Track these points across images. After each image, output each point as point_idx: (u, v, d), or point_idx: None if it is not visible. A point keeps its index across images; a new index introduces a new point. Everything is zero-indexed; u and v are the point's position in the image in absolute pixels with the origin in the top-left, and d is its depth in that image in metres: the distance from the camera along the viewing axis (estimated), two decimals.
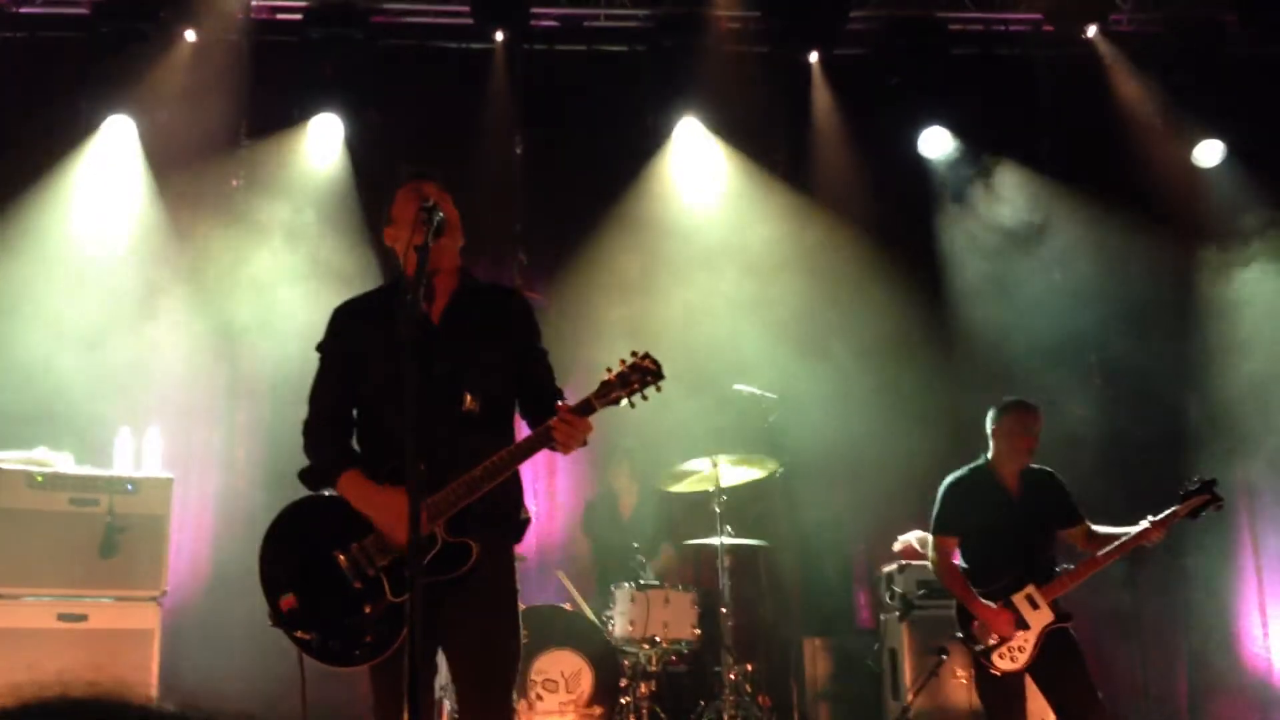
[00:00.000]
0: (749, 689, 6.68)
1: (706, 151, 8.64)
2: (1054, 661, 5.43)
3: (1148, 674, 8.01)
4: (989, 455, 5.79)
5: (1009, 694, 5.47)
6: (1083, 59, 8.74)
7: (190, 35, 8.02)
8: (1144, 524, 5.47)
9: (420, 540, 2.93)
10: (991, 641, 5.45)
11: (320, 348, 3.76)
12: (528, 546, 7.13)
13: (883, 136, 8.70)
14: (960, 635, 5.58)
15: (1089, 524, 5.69)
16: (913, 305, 8.45)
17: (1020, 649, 5.42)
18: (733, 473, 6.85)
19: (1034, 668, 5.45)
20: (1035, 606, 5.46)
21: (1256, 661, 8.16)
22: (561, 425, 3.41)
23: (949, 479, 5.85)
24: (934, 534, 5.79)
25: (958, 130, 8.68)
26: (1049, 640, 5.42)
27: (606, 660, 6.31)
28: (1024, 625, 5.44)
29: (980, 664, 5.50)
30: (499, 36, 8.40)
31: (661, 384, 3.48)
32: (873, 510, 8.30)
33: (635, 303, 8.23)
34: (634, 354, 3.50)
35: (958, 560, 5.77)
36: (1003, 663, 5.43)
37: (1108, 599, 7.66)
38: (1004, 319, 8.31)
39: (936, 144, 8.69)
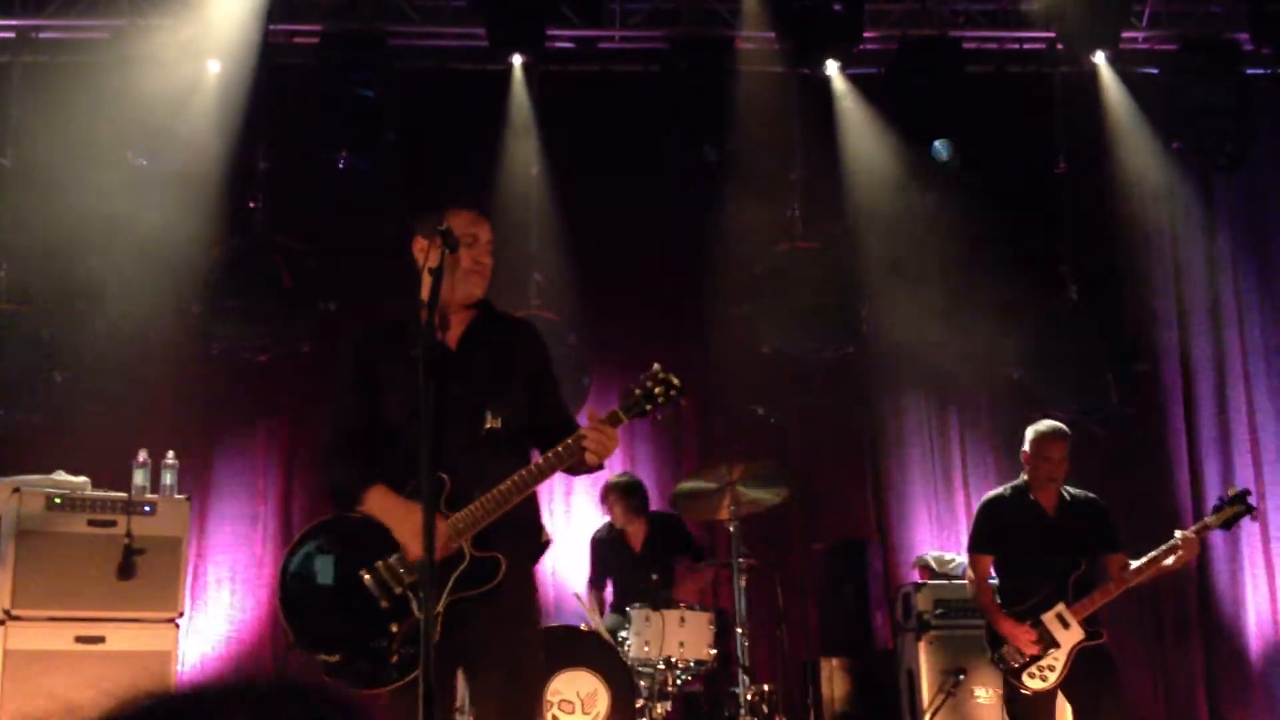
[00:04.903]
0: (766, 709, 6.65)
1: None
2: (1087, 681, 5.40)
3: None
4: (1025, 476, 5.79)
5: (1039, 716, 5.44)
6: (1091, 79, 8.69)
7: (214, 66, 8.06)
8: (1175, 538, 5.41)
9: (434, 556, 2.94)
10: (1021, 661, 5.42)
11: (335, 373, 3.74)
12: (544, 568, 7.09)
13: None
14: (992, 658, 5.56)
15: (1126, 558, 5.57)
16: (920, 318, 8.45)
17: (1050, 667, 5.40)
18: (747, 492, 6.82)
19: (1067, 686, 5.43)
20: (1066, 625, 5.43)
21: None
22: (593, 433, 3.43)
23: (986, 497, 5.91)
24: (969, 551, 5.83)
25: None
26: (1081, 658, 5.39)
27: (623, 681, 6.29)
28: (1054, 644, 5.41)
29: (1011, 684, 5.48)
30: (515, 59, 8.44)
31: (683, 400, 3.55)
32: (890, 529, 8.27)
33: (652, 323, 8.23)
34: (656, 368, 3.55)
35: (993, 578, 5.76)
36: (1033, 682, 5.41)
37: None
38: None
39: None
